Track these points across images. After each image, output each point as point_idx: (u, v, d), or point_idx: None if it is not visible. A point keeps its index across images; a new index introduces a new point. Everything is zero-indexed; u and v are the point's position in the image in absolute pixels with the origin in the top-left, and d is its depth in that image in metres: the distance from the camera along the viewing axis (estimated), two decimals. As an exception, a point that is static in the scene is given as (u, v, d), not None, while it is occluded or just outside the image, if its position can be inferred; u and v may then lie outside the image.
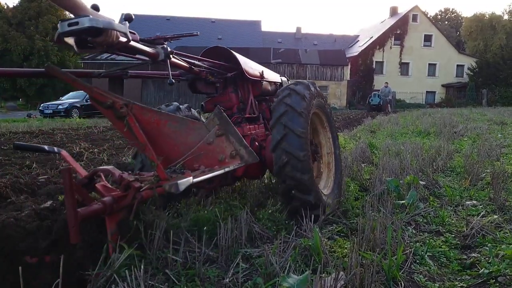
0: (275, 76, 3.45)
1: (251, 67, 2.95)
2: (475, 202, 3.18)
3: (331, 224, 2.57)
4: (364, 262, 1.82)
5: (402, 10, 41.37)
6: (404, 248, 2.10)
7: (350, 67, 36.38)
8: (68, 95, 23.49)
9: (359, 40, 42.99)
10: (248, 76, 2.85)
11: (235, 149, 1.98)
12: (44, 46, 38.62)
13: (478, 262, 2.04)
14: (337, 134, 3.20)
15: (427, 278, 1.86)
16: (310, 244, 1.99)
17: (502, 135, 8.13)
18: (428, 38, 39.37)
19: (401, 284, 1.76)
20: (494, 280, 1.84)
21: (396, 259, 1.84)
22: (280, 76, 3.56)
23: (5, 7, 41.68)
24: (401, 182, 3.42)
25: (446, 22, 63.57)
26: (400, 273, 1.83)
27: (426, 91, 38.69)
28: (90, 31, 1.49)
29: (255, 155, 2.01)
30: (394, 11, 42.39)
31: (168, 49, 2.02)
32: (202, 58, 2.68)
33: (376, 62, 38.42)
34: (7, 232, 1.55)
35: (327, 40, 44.01)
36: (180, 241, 1.93)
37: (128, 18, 1.71)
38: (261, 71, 3.09)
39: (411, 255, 2.07)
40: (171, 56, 2.04)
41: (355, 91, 36.49)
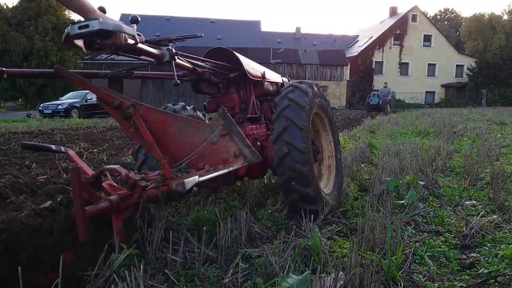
0: (276, 76, 3.47)
1: (253, 67, 2.98)
2: (474, 202, 3.18)
3: (330, 224, 2.57)
4: (363, 262, 1.82)
5: (402, 10, 41.41)
6: (404, 248, 2.10)
7: (349, 67, 36.41)
8: (67, 95, 23.44)
9: (358, 40, 43.01)
10: (250, 77, 2.88)
11: (239, 148, 2.01)
12: (44, 46, 38.58)
13: (478, 262, 2.04)
14: (338, 138, 3.23)
15: (426, 278, 1.86)
16: (309, 244, 1.99)
17: (502, 135, 8.14)
18: (427, 38, 39.40)
19: (400, 284, 1.76)
20: (494, 280, 1.84)
21: (395, 259, 1.84)
22: (281, 77, 3.59)
23: (4, 7, 41.65)
24: (400, 182, 3.43)
25: (446, 22, 63.63)
26: (399, 273, 1.83)
27: (426, 91, 38.72)
28: (100, 34, 1.51)
29: (258, 155, 2.04)
30: (393, 11, 42.42)
31: (173, 50, 2.04)
32: (205, 59, 2.71)
33: (376, 62, 38.45)
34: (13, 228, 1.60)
35: (326, 40, 44.02)
36: (179, 241, 1.94)
37: (135, 21, 1.73)
38: (262, 71, 3.11)
39: (411, 255, 2.07)
40: (176, 58, 2.06)
41: (354, 91, 36.51)
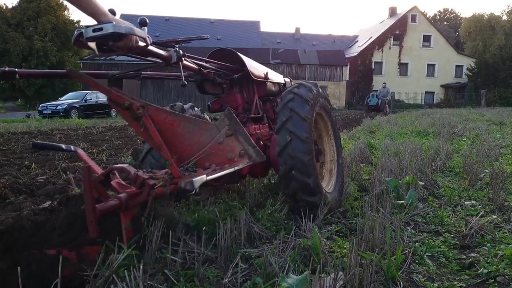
0: (278, 77, 3.51)
1: (256, 68, 3.03)
2: (474, 202, 3.18)
3: (330, 224, 2.58)
4: (363, 262, 1.82)
5: (401, 11, 41.42)
6: (403, 248, 2.10)
7: (349, 67, 36.42)
8: (67, 96, 23.40)
9: (358, 41, 43.02)
10: (253, 77, 2.92)
11: (244, 148, 2.05)
12: (43, 47, 38.59)
13: (477, 262, 2.05)
14: (341, 144, 3.27)
15: (426, 278, 1.86)
16: (309, 244, 1.99)
17: (501, 135, 8.15)
18: (427, 39, 39.40)
19: (400, 284, 1.76)
20: (493, 280, 1.84)
21: (395, 259, 1.84)
22: (283, 77, 3.62)
23: (4, 7, 41.62)
24: (400, 182, 3.43)
25: (445, 23, 63.67)
26: (399, 273, 1.83)
27: (425, 92, 38.72)
28: (113, 36, 1.54)
29: (263, 154, 2.08)
30: (393, 12, 42.44)
31: (180, 52, 2.07)
32: (210, 60, 2.74)
33: (375, 62, 38.45)
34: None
35: (326, 41, 44.03)
36: (179, 241, 1.94)
37: (144, 23, 1.74)
38: (265, 72, 3.16)
39: (410, 255, 2.08)
40: (183, 59, 2.10)
41: (354, 91, 36.52)
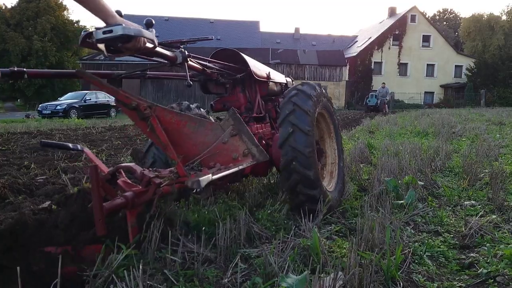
0: (280, 77, 3.55)
1: (258, 68, 3.06)
2: (473, 202, 3.18)
3: (329, 224, 2.58)
4: (362, 262, 1.82)
5: (401, 11, 41.45)
6: (403, 248, 2.10)
7: (348, 67, 36.44)
8: (66, 96, 23.36)
9: (357, 41, 43.04)
10: (255, 77, 2.96)
11: (248, 148, 2.08)
12: (42, 47, 38.54)
13: (477, 262, 2.05)
14: (342, 148, 3.29)
15: (425, 278, 1.86)
16: (309, 244, 1.99)
17: (500, 135, 8.15)
18: (426, 39, 39.42)
19: (399, 284, 1.76)
20: (493, 280, 1.84)
21: (394, 259, 1.84)
22: (285, 77, 3.66)
23: (3, 7, 41.59)
24: (399, 182, 3.43)
25: (445, 23, 63.68)
26: (398, 273, 1.83)
27: (425, 92, 38.76)
28: (122, 38, 1.57)
29: (266, 154, 2.11)
30: (392, 12, 42.46)
31: (185, 52, 2.09)
32: (213, 60, 2.76)
33: (375, 62, 38.48)
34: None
35: (325, 41, 44.05)
36: (178, 241, 1.94)
37: (150, 24, 1.76)
38: (267, 72, 3.19)
39: (410, 255, 2.07)
40: (188, 60, 2.12)
41: (353, 91, 36.54)
